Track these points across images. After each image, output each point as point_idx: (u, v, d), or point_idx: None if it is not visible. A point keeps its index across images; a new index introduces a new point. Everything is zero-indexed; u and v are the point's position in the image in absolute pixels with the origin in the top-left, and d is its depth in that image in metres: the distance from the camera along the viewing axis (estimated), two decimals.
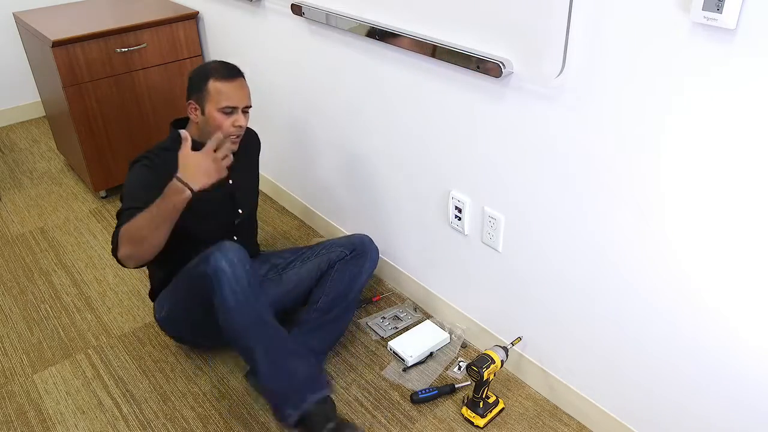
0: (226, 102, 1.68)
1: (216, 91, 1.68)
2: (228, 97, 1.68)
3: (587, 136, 1.35)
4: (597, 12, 1.22)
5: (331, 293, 1.84)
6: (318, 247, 1.94)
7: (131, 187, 1.68)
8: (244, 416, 1.75)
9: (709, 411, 1.37)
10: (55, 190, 2.95)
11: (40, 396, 1.83)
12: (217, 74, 1.69)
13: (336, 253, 1.90)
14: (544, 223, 1.55)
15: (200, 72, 1.72)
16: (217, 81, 1.68)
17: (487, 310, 1.87)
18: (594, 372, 1.61)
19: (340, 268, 1.87)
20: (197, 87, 1.70)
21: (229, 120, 1.69)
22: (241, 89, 1.71)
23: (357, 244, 1.90)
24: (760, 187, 1.11)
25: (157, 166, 1.70)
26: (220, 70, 1.70)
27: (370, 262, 1.90)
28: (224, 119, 1.69)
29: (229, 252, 1.55)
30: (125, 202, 1.65)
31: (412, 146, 1.86)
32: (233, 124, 1.70)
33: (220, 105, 1.68)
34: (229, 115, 1.69)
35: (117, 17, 2.69)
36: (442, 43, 1.57)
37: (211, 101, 1.68)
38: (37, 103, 3.70)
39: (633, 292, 1.41)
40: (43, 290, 2.27)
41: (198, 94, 1.70)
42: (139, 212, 1.54)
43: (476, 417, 1.69)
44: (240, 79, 1.72)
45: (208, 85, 1.68)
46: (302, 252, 1.95)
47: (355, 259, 1.88)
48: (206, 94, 1.68)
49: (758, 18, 1.00)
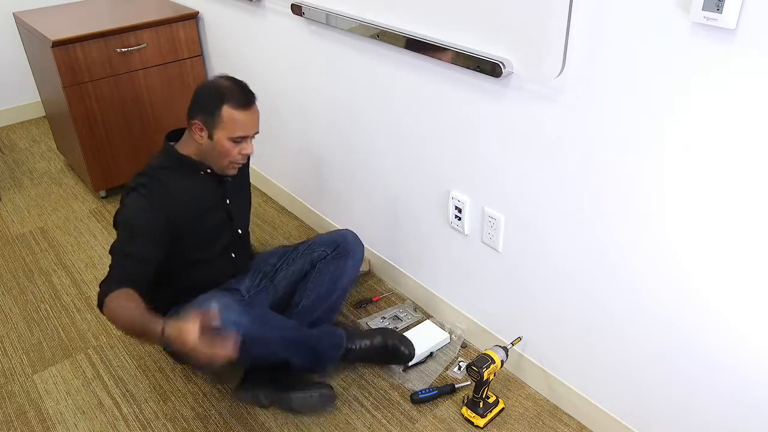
0: (240, 132, 1.58)
1: (230, 119, 1.56)
2: (243, 126, 1.58)
3: (587, 135, 1.35)
4: (597, 12, 1.22)
5: (312, 295, 1.81)
6: (302, 246, 1.90)
7: (127, 220, 1.56)
8: (244, 416, 1.75)
9: (709, 411, 1.37)
10: (55, 190, 2.95)
11: (40, 396, 1.83)
12: (232, 100, 1.56)
13: (317, 253, 1.86)
14: (544, 223, 1.55)
15: (213, 93, 1.57)
16: (232, 108, 1.56)
17: (487, 310, 1.87)
18: (594, 372, 1.61)
19: (320, 268, 1.83)
20: (207, 109, 1.57)
21: (237, 148, 1.60)
22: (255, 117, 1.61)
23: (340, 242, 1.86)
24: (760, 187, 1.11)
25: (153, 192, 1.59)
26: (236, 95, 1.57)
27: (353, 260, 1.85)
28: (233, 147, 1.60)
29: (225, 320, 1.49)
30: (120, 241, 1.54)
31: (412, 146, 1.86)
32: (240, 152, 1.61)
33: (233, 134, 1.58)
34: (237, 144, 1.60)
35: (117, 17, 2.69)
36: (442, 43, 1.57)
37: (224, 129, 1.57)
38: (37, 103, 3.70)
39: (633, 292, 1.41)
40: (43, 290, 2.27)
41: (207, 117, 1.57)
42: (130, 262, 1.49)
43: (476, 417, 1.69)
44: (254, 106, 1.61)
45: (222, 111, 1.55)
46: (288, 254, 1.91)
47: (337, 258, 1.84)
48: (218, 120, 1.56)
49: (758, 18, 1.00)
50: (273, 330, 1.62)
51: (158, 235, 1.56)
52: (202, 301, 1.55)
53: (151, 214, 1.56)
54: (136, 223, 1.55)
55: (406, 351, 1.83)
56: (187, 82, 2.84)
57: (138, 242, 1.53)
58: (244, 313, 1.54)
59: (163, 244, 1.57)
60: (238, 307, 1.55)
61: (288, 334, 1.66)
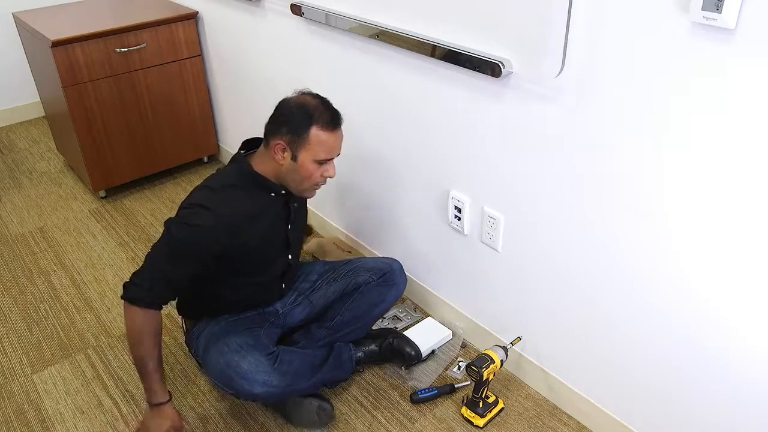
0: (325, 155, 1.52)
1: (318, 141, 1.50)
2: (329, 149, 1.52)
3: (587, 135, 1.35)
4: (596, 12, 1.22)
5: (347, 314, 1.80)
6: (344, 268, 1.86)
7: (178, 236, 1.48)
8: (244, 416, 1.75)
9: (709, 410, 1.37)
10: (54, 190, 2.94)
11: (39, 396, 1.83)
12: (321, 121, 1.49)
13: (363, 278, 1.82)
14: (544, 222, 1.55)
15: (301, 112, 1.50)
16: (321, 130, 1.49)
17: (486, 310, 1.87)
18: (593, 372, 1.61)
19: (364, 290, 1.81)
20: (295, 129, 1.49)
21: (320, 170, 1.54)
22: (341, 138, 1.55)
23: (386, 271, 1.84)
24: (759, 186, 1.11)
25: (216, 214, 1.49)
26: (325, 116, 1.50)
27: (396, 291, 1.85)
28: (316, 170, 1.53)
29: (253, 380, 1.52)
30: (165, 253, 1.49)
31: (412, 146, 1.86)
32: (323, 174, 1.55)
33: (318, 157, 1.51)
34: (321, 166, 1.54)
35: (116, 17, 2.69)
36: (441, 43, 1.57)
37: (309, 150, 1.50)
38: (37, 103, 3.69)
39: (633, 292, 1.42)
40: (42, 290, 2.27)
41: (294, 137, 1.50)
42: (167, 286, 1.49)
43: (476, 417, 1.69)
44: (341, 128, 1.55)
45: (310, 133, 1.49)
46: (326, 272, 1.88)
47: (382, 285, 1.82)
48: (305, 142, 1.49)
49: (758, 17, 1.00)
50: (301, 381, 1.62)
51: (205, 259, 1.51)
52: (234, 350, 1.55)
53: (204, 240, 1.49)
54: (187, 243, 1.48)
55: (412, 352, 1.83)
56: (186, 82, 2.84)
57: (181, 266, 1.49)
58: (274, 371, 1.54)
59: (207, 266, 1.53)
60: (268, 367, 1.54)
61: (315, 379, 1.66)
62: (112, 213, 2.74)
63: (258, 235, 1.58)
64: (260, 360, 1.54)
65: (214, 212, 1.49)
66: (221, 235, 1.50)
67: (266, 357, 1.56)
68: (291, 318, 1.81)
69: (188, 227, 1.48)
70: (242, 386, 1.52)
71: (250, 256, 1.60)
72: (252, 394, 1.53)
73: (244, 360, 1.53)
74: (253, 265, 1.63)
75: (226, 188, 1.54)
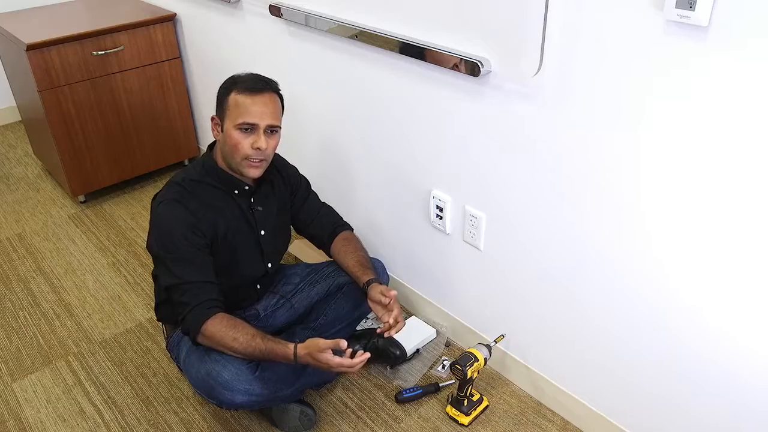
0: (243, 117, 1.47)
1: (236, 104, 1.48)
2: (246, 111, 1.47)
3: (566, 133, 1.36)
4: (573, 11, 1.23)
5: (331, 315, 1.79)
6: (326, 268, 1.85)
7: (165, 240, 1.50)
8: (228, 420, 1.74)
9: (692, 405, 1.39)
10: (32, 195, 2.90)
11: (19, 405, 1.81)
12: (241, 85, 1.49)
13: (345, 278, 1.80)
14: (525, 220, 1.56)
15: (226, 83, 1.53)
16: (238, 93, 1.48)
17: (470, 309, 1.88)
18: (577, 368, 1.62)
19: (347, 291, 1.80)
20: (220, 100, 1.53)
21: (247, 140, 1.49)
22: (265, 105, 1.50)
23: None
24: (737, 183, 1.12)
25: (186, 199, 1.53)
26: (246, 81, 1.50)
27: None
28: (242, 138, 1.49)
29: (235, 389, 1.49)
30: (169, 270, 1.49)
31: (393, 146, 1.86)
32: (252, 145, 1.49)
33: (236, 121, 1.48)
34: (247, 134, 1.49)
35: (93, 20, 2.66)
36: (420, 42, 1.57)
37: (230, 116, 1.49)
38: (13, 107, 3.64)
39: (614, 289, 1.43)
40: (21, 297, 2.23)
41: (219, 108, 1.53)
42: (195, 288, 1.47)
43: (461, 415, 1.69)
44: (267, 94, 1.51)
45: (229, 98, 1.49)
46: (309, 274, 1.86)
47: None
48: (226, 108, 1.50)
49: (730, 14, 1.02)
50: (285, 387, 1.59)
51: (201, 244, 1.51)
52: (215, 360, 1.51)
53: (187, 221, 1.50)
54: (176, 237, 1.49)
55: (397, 351, 1.83)
56: (165, 85, 2.82)
57: (191, 263, 1.49)
58: (255, 379, 1.51)
59: (209, 248, 1.54)
60: (249, 375, 1.51)
61: (299, 384, 1.64)
62: (92, 218, 2.71)
63: (224, 226, 1.59)
64: (241, 368, 1.51)
65: (182, 198, 1.54)
66: (198, 221, 1.52)
67: (248, 365, 1.53)
68: (273, 321, 1.80)
69: (168, 226, 1.51)
70: (224, 396, 1.49)
71: (221, 252, 1.58)
72: (234, 404, 1.50)
73: (225, 369, 1.50)
74: (223, 263, 1.60)
75: (189, 183, 1.58)
